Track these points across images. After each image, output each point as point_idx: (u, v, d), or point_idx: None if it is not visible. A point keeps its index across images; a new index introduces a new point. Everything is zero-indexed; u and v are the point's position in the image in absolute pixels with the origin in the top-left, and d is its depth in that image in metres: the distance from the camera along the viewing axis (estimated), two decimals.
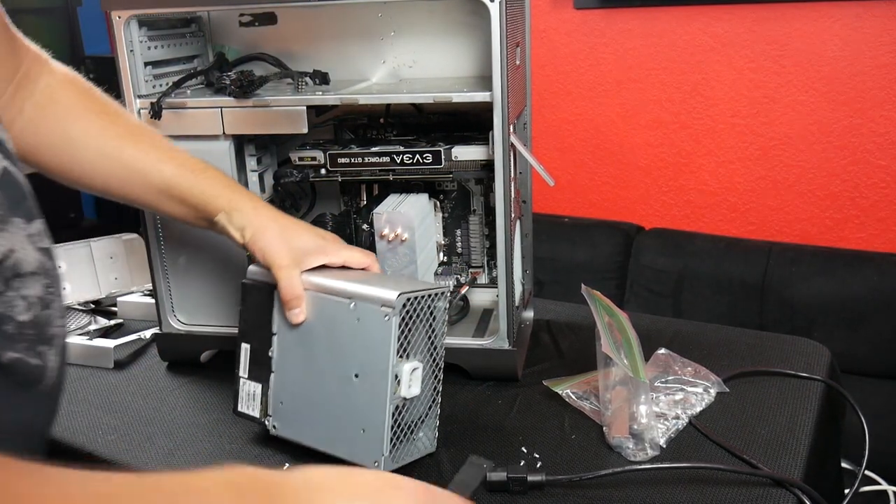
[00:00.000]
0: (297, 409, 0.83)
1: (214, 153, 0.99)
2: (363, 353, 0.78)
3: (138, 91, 1.00)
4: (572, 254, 2.15)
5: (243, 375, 0.87)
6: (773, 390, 0.96)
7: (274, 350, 0.84)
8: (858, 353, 1.83)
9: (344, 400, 0.79)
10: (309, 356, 0.82)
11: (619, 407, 0.86)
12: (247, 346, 0.87)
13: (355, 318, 0.78)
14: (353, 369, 0.78)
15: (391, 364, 0.75)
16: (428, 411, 0.83)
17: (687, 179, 2.15)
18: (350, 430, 0.78)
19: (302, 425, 0.83)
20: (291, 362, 0.83)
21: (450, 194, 1.09)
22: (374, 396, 0.76)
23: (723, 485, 0.78)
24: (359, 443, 0.78)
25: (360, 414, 0.78)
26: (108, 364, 1.11)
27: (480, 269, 1.12)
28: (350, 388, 0.78)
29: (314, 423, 0.82)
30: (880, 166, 1.93)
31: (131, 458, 0.89)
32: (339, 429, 0.80)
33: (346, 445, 0.79)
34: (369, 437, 0.77)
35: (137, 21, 0.98)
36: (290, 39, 1.11)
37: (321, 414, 0.81)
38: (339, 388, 0.79)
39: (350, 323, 0.78)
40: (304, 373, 0.82)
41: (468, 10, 1.04)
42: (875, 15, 1.84)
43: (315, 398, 0.81)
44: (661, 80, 2.10)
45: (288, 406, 0.84)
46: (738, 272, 1.97)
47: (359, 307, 0.78)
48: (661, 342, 1.04)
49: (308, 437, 0.83)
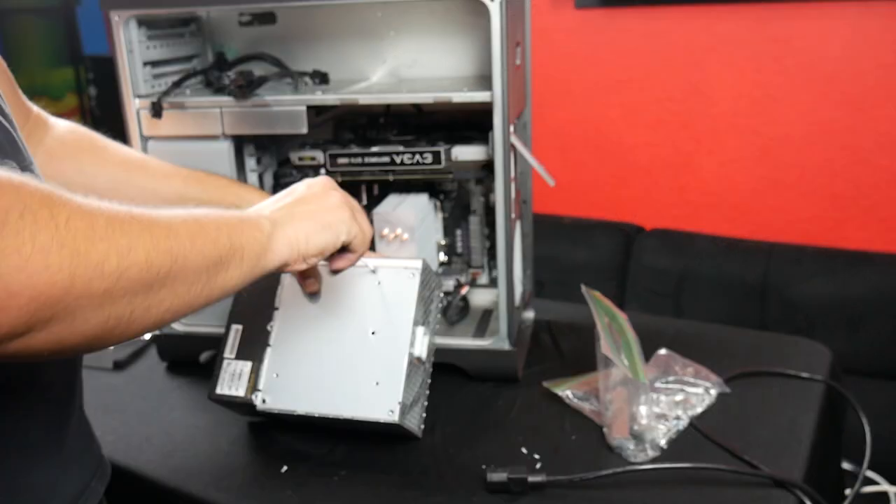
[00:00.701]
0: (294, 378, 0.85)
1: (214, 153, 0.99)
2: (383, 312, 0.82)
3: (137, 91, 0.99)
4: (572, 254, 2.15)
5: (229, 356, 0.88)
6: (774, 391, 0.96)
7: (274, 325, 0.87)
8: (859, 354, 1.83)
9: (357, 358, 0.82)
10: (317, 324, 0.85)
11: (619, 408, 0.86)
12: (238, 327, 0.89)
13: (376, 282, 0.83)
14: (371, 328, 0.82)
15: (413, 316, 0.81)
16: (417, 398, 0.85)
17: (687, 179, 2.15)
18: (363, 385, 0.81)
19: (299, 394, 0.84)
20: (294, 334, 0.86)
21: (450, 194, 1.09)
22: (392, 349, 0.81)
23: (723, 485, 0.78)
24: (371, 396, 0.81)
25: (375, 367, 0.81)
26: (108, 364, 1.11)
27: (480, 269, 1.12)
28: (366, 346, 0.82)
29: (315, 389, 0.84)
30: (882, 166, 1.93)
31: (131, 458, 0.89)
32: (349, 386, 0.82)
33: (354, 402, 0.82)
34: (383, 389, 0.80)
35: (136, 21, 0.98)
36: (290, 39, 1.11)
37: (326, 378, 0.83)
38: (353, 347, 0.82)
39: (370, 286, 0.83)
40: (309, 341, 0.85)
41: (468, 10, 1.04)
42: (877, 14, 1.84)
43: (319, 364, 0.84)
44: (661, 79, 2.10)
45: (283, 378, 0.85)
46: (738, 272, 1.97)
47: (380, 272, 0.84)
48: (662, 342, 1.04)
49: (305, 404, 0.84)
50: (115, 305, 0.48)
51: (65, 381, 0.69)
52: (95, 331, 0.48)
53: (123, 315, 0.49)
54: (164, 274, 0.51)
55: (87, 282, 0.46)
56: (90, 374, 1.09)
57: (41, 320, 0.44)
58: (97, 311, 0.47)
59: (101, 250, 0.47)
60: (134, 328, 0.51)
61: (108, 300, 0.47)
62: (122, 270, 0.48)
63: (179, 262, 0.53)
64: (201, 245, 0.55)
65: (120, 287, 0.48)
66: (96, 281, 0.46)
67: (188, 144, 0.99)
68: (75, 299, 0.45)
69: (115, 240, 0.48)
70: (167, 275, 0.51)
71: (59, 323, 0.45)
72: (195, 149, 0.99)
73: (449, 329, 1.08)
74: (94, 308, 0.47)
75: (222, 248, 0.57)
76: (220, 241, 0.57)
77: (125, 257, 0.48)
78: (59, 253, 0.44)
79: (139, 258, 0.49)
